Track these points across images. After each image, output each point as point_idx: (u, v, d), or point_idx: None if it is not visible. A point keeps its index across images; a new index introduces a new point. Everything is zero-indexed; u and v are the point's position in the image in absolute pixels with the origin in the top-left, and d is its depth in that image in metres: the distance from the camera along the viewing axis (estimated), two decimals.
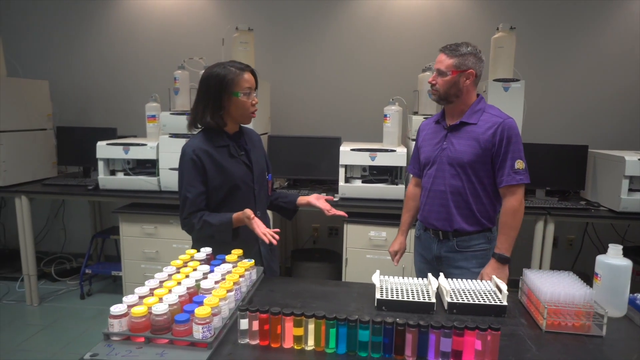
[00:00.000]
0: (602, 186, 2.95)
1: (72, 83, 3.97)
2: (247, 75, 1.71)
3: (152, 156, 3.11)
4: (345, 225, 2.93)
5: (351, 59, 3.67)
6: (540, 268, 2.88)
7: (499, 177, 1.78)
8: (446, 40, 2.53)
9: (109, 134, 3.41)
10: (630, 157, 2.70)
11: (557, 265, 3.37)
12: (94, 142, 3.16)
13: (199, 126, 1.76)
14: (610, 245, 1.39)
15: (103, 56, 3.92)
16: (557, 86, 3.48)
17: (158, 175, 3.13)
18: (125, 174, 3.18)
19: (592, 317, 1.28)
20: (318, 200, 1.91)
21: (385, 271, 1.75)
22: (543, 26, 3.45)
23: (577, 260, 3.57)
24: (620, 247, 1.37)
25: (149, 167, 3.23)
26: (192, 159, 1.70)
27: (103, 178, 3.15)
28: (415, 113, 3.07)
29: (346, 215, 1.92)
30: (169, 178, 3.10)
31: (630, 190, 2.74)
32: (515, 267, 1.89)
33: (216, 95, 1.68)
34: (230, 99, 1.70)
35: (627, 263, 1.36)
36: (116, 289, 3.63)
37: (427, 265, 1.97)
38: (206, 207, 1.75)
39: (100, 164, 3.14)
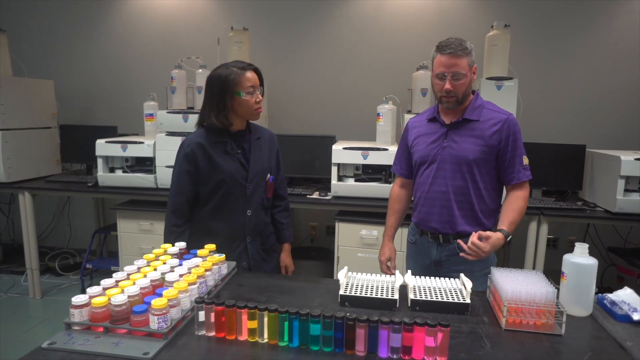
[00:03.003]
0: (599, 186, 2.90)
1: (75, 82, 4.07)
2: (250, 74, 1.76)
3: (150, 154, 3.17)
4: (337, 224, 2.94)
5: (346, 58, 3.68)
6: (534, 269, 2.84)
7: (508, 174, 1.71)
8: (441, 39, 2.48)
9: (109, 132, 3.50)
10: (626, 156, 2.64)
11: (556, 266, 3.31)
12: (96, 140, 3.24)
13: (205, 125, 1.83)
14: (576, 244, 1.36)
15: (105, 56, 4.01)
16: (555, 85, 3.43)
17: (155, 172, 3.18)
18: (123, 172, 3.25)
19: (554, 316, 1.27)
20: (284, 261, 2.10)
21: (377, 269, 1.75)
22: (541, 25, 3.40)
23: None
24: (586, 245, 1.35)
25: (148, 164, 3.29)
26: (186, 153, 1.80)
27: (102, 175, 3.22)
28: (409, 112, 3.06)
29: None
30: (165, 175, 3.15)
31: (626, 190, 2.69)
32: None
33: (219, 96, 1.75)
34: (233, 99, 1.75)
35: (593, 262, 1.34)
36: None
37: (424, 270, 1.82)
38: (193, 200, 1.85)
39: (100, 162, 3.22)
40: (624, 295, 1.42)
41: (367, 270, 1.59)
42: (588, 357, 1.13)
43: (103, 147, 3.20)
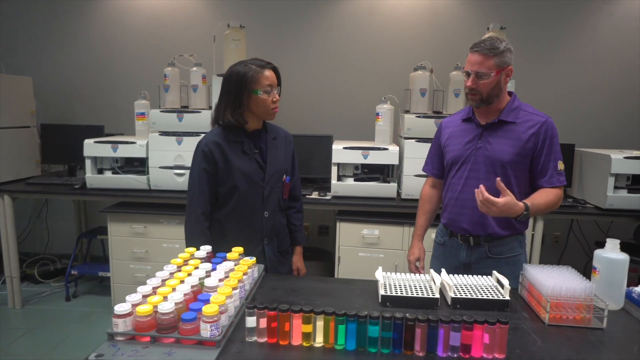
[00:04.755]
0: (588, 184, 3.02)
1: (56, 80, 3.87)
2: (268, 73, 1.74)
3: (142, 154, 3.06)
4: (337, 224, 2.93)
5: (343, 57, 3.68)
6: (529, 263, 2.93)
7: (541, 178, 1.69)
8: (438, 40, 2.40)
9: (96, 131, 3.35)
10: (615, 155, 2.77)
11: (543, 261, 3.42)
12: (80, 140, 3.09)
13: (221, 123, 1.78)
14: (608, 239, 1.41)
15: (89, 53, 3.83)
16: (545, 86, 3.56)
17: (148, 173, 3.07)
18: (113, 173, 3.11)
19: (593, 310, 1.31)
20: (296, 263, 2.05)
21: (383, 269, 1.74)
22: (531, 27, 3.52)
23: (562, 256, 3.64)
24: (618, 241, 1.40)
25: (137, 165, 3.18)
26: (203, 151, 1.75)
27: (90, 177, 3.08)
28: (407, 112, 3.08)
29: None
30: (159, 177, 3.06)
31: (615, 187, 2.82)
32: None
33: (236, 93, 1.71)
34: (250, 97, 1.72)
35: (624, 257, 1.39)
36: (103, 291, 3.56)
37: (451, 272, 1.67)
38: (213, 200, 1.80)
39: (88, 163, 3.07)
40: None
41: (368, 269, 1.58)
42: (637, 349, 1.17)
43: (92, 147, 3.06)
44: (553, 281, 1.35)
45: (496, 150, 1.69)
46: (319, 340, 1.17)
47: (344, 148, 2.93)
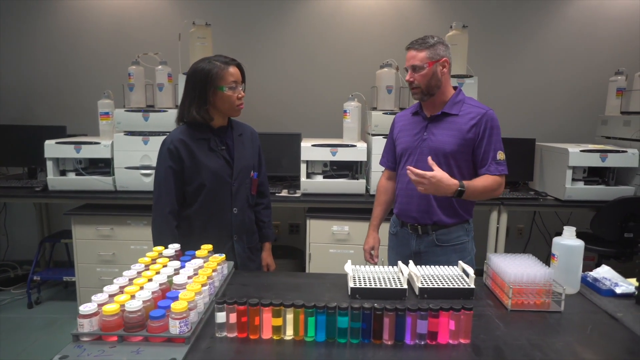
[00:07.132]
0: (549, 177, 3.14)
1: (13, 79, 3.72)
2: (233, 69, 1.73)
3: (107, 155, 2.98)
4: (308, 221, 2.95)
5: (310, 55, 3.69)
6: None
7: (481, 167, 1.77)
8: (403, 38, 2.38)
9: (57, 132, 3.24)
10: (573, 149, 2.89)
11: (511, 251, 3.57)
12: (41, 141, 2.99)
13: (186, 120, 1.77)
14: (565, 227, 1.48)
15: (49, 51, 3.70)
16: (506, 83, 3.69)
17: (113, 174, 3.00)
18: (77, 174, 3.02)
19: (552, 295, 1.37)
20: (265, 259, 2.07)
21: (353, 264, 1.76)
22: (493, 26, 3.64)
23: (526, 247, 3.77)
24: (574, 228, 1.47)
25: (101, 166, 3.10)
26: (169, 149, 1.73)
27: (52, 179, 2.98)
28: (374, 109, 3.13)
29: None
30: (125, 177, 2.99)
31: (573, 180, 2.94)
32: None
33: (202, 90, 1.70)
34: (215, 93, 1.72)
35: (580, 243, 1.46)
36: (68, 296, 3.45)
37: (404, 261, 1.78)
38: (180, 199, 1.78)
39: (49, 164, 2.97)
40: (603, 272, 1.56)
41: (339, 265, 1.60)
42: (590, 329, 1.24)
43: (53, 148, 2.96)
44: (515, 269, 1.40)
45: (439, 141, 1.77)
46: (289, 333, 1.18)
47: (313, 145, 2.95)
